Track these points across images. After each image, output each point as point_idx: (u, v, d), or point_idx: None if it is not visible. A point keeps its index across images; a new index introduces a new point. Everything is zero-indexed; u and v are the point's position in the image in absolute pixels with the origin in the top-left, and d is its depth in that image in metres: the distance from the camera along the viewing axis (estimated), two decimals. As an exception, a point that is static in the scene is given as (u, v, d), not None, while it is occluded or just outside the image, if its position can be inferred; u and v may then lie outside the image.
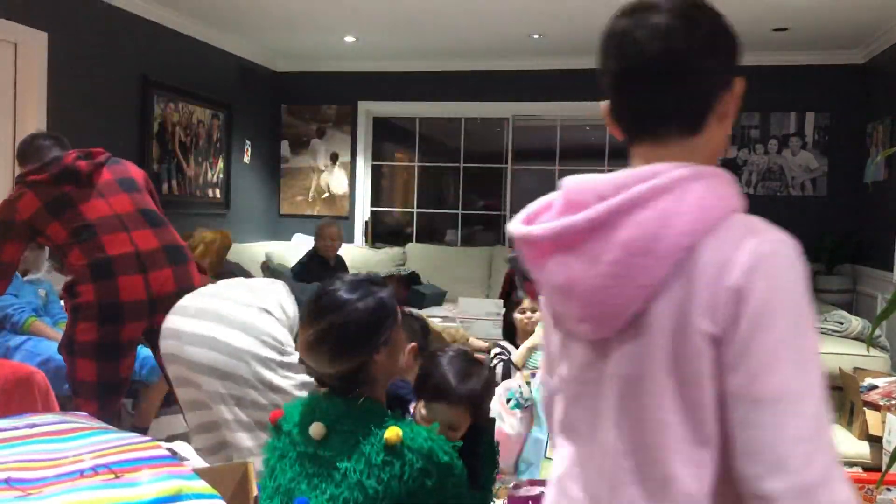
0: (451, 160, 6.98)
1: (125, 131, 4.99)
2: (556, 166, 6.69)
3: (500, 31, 5.49)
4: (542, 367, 1.22)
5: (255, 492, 1.90)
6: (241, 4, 5.07)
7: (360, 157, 6.90)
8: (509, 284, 5.00)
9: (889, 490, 2.69)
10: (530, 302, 4.02)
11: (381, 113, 7.00)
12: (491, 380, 1.91)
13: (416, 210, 7.11)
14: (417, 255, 6.52)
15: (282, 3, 5.01)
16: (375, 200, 7.11)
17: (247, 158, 6.54)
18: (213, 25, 5.67)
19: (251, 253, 5.92)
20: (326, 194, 6.94)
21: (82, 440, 1.78)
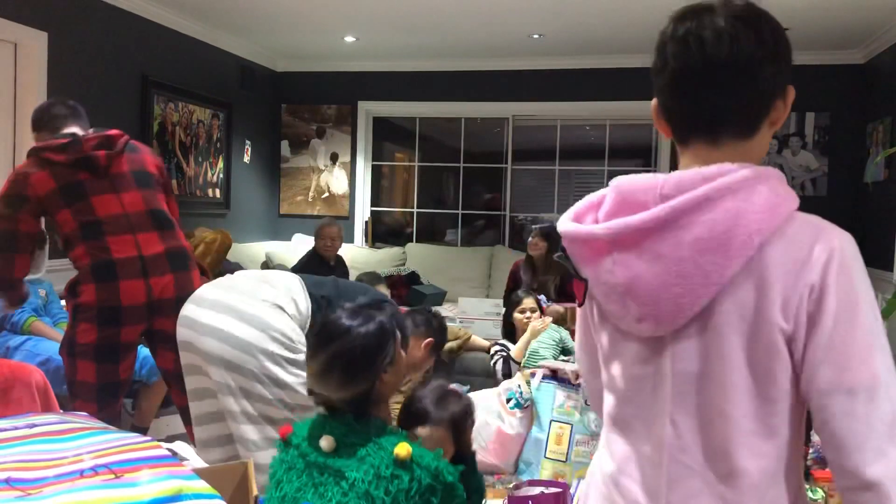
0: (451, 160, 6.98)
1: (125, 131, 4.92)
2: (556, 166, 6.69)
3: (500, 31, 5.48)
4: (582, 368, 1.23)
5: (255, 492, 1.90)
6: (241, 4, 5.07)
7: (360, 157, 6.90)
8: (514, 282, 4.99)
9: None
10: (531, 302, 4.03)
11: (381, 113, 7.00)
12: (470, 408, 1.96)
13: (416, 210, 7.11)
14: (417, 255, 6.51)
15: (282, 3, 5.01)
16: (375, 200, 7.11)
17: (247, 158, 6.54)
18: (213, 25, 5.67)
19: (251, 253, 5.92)
20: (326, 194, 6.94)
21: (82, 440, 1.78)
